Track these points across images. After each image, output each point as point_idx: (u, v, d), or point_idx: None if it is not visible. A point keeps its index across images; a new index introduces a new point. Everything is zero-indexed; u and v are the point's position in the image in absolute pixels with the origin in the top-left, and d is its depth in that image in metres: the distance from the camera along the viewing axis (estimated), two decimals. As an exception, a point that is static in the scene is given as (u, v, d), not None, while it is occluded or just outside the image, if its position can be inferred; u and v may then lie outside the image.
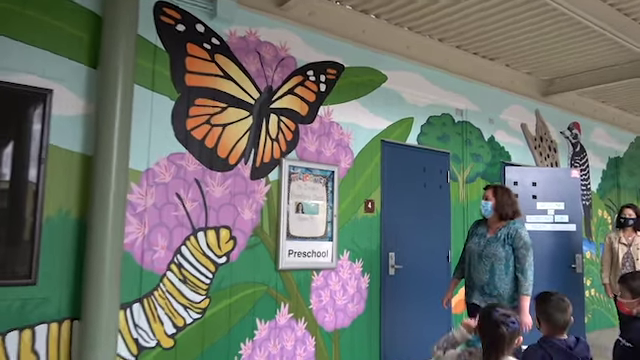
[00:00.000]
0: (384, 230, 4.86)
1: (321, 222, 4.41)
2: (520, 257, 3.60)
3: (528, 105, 6.52)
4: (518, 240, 3.62)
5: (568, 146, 7.08)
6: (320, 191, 4.43)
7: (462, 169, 5.67)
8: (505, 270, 3.62)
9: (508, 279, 3.62)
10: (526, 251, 3.60)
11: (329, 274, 4.45)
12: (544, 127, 6.76)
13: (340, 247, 4.53)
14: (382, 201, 4.87)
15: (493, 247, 3.66)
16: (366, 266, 4.72)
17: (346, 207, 4.62)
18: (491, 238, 3.72)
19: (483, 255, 3.69)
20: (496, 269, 3.63)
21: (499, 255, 3.63)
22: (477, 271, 3.71)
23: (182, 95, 3.78)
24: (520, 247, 3.61)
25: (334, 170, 4.50)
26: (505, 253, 3.63)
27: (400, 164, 5.07)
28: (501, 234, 3.68)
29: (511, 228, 3.65)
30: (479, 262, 3.71)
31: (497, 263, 3.63)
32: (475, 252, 3.76)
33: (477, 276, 3.71)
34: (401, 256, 4.95)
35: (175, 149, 3.72)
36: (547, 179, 5.80)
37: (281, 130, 4.24)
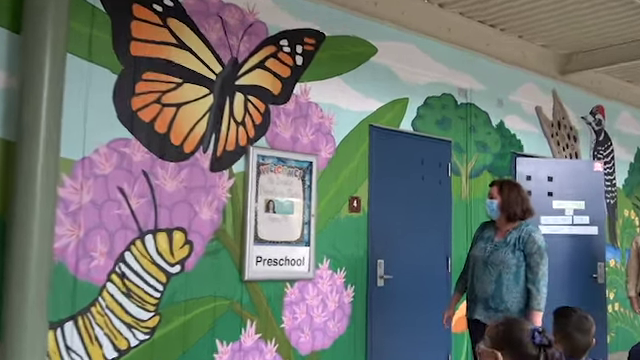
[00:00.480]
0: (372, 233, 4.87)
1: (296, 223, 4.41)
2: (533, 265, 3.64)
3: (544, 85, 6.56)
4: (531, 245, 3.65)
5: (590, 134, 7.15)
6: (295, 186, 4.42)
7: (466, 161, 5.68)
8: (515, 280, 3.65)
9: (517, 291, 3.66)
10: (540, 258, 3.64)
11: (305, 286, 4.45)
12: (562, 111, 6.80)
13: (319, 254, 4.53)
14: (370, 199, 4.87)
15: (501, 253, 3.69)
16: (350, 276, 4.72)
17: (327, 206, 4.61)
18: (499, 243, 3.75)
19: (489, 262, 3.72)
20: (504, 279, 3.66)
21: (508, 262, 3.66)
22: (481, 281, 3.74)
23: (127, 68, 3.72)
24: (533, 253, 3.65)
25: (312, 161, 4.50)
26: (515, 260, 3.66)
27: (392, 154, 5.07)
28: (511, 238, 3.71)
29: (523, 231, 3.70)
30: (484, 271, 3.74)
31: (505, 272, 3.66)
32: (480, 259, 3.79)
33: (481, 287, 3.74)
34: (392, 264, 4.96)
35: (118, 134, 3.67)
36: (565, 173, 5.83)
37: (248, 112, 4.22)
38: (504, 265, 3.66)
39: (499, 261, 3.67)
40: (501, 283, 3.66)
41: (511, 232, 3.73)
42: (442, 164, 5.45)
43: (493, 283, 3.68)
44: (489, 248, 3.76)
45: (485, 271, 3.73)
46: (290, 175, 4.40)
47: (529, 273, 3.64)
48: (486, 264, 3.73)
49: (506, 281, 3.66)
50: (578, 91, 6.94)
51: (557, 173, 5.84)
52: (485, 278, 3.72)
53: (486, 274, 3.72)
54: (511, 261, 3.65)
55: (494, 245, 3.75)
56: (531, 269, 3.64)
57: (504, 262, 3.66)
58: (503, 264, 3.66)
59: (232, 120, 4.13)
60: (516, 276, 3.66)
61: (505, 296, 3.64)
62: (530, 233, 3.68)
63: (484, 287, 3.72)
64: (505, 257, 3.66)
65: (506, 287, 3.66)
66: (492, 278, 3.69)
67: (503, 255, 3.67)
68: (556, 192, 5.79)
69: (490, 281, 3.69)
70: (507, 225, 3.77)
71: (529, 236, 3.67)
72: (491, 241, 3.79)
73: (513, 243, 3.69)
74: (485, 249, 3.78)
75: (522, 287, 3.65)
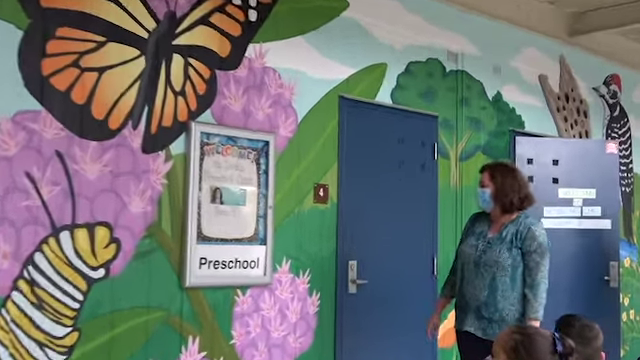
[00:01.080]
0: (342, 229, 4.88)
1: (249, 217, 4.41)
2: (532, 266, 3.71)
3: (549, 49, 6.62)
4: (530, 241, 3.71)
5: (604, 108, 7.27)
6: (248, 171, 4.41)
7: (455, 140, 5.72)
8: (511, 284, 3.72)
9: (515, 297, 3.72)
10: (541, 257, 3.71)
11: (261, 293, 4.46)
12: (571, 81, 6.90)
13: (277, 254, 4.54)
14: (339, 187, 4.89)
15: (495, 251, 3.75)
16: (315, 281, 4.73)
17: (287, 195, 4.62)
18: (493, 238, 3.80)
19: (481, 263, 3.77)
20: (498, 283, 3.72)
21: (503, 263, 3.71)
22: (472, 286, 3.79)
23: (35, 22, 3.65)
24: (532, 251, 3.71)
25: (269, 140, 4.50)
26: (512, 260, 3.72)
27: (366, 132, 5.08)
28: (507, 233, 3.77)
29: (521, 224, 3.76)
30: (475, 273, 3.79)
31: (500, 274, 3.72)
32: (470, 259, 3.83)
33: (472, 293, 3.79)
34: (366, 266, 4.98)
35: (24, 105, 3.61)
36: (574, 155, 5.92)
37: (189, 79, 4.19)
38: (498, 266, 3.71)
39: (492, 261, 3.73)
40: (495, 288, 3.71)
41: (507, 226, 3.79)
42: (426, 144, 5.48)
43: (486, 288, 3.73)
44: (481, 246, 3.81)
45: (477, 273, 3.77)
46: (242, 158, 4.39)
47: (527, 275, 3.70)
48: (478, 265, 3.78)
49: (501, 285, 3.71)
50: (590, 57, 7.03)
51: (564, 155, 5.92)
52: (477, 282, 3.77)
53: (478, 277, 3.76)
54: (507, 261, 3.71)
55: (487, 242, 3.81)
56: (529, 270, 3.71)
57: (498, 262, 3.71)
58: (497, 265, 3.71)
59: (169, 89, 4.10)
60: (513, 279, 3.72)
61: (500, 303, 3.70)
62: (529, 227, 3.73)
63: (475, 293, 3.76)
64: (500, 256, 3.72)
65: (501, 292, 3.71)
66: (485, 282, 3.74)
67: (497, 254, 3.73)
68: (562, 178, 5.88)
69: (483, 285, 3.74)
70: (503, 217, 3.83)
71: (528, 230, 3.72)
72: (483, 237, 3.84)
73: (510, 239, 3.74)
74: (476, 247, 3.83)
75: (519, 292, 3.72)
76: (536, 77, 6.52)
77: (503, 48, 6.18)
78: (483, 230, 3.88)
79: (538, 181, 5.72)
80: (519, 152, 5.81)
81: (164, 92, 4.07)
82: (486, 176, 3.88)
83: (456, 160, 5.71)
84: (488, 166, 3.98)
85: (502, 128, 6.13)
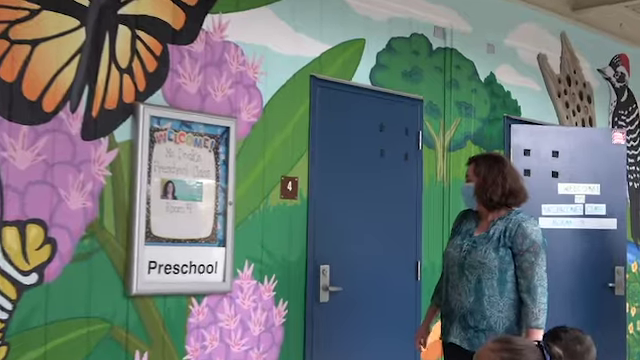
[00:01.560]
0: (313, 228, 4.91)
1: (206, 215, 4.41)
2: (525, 267, 3.74)
3: (549, 24, 6.67)
4: (521, 239, 3.76)
5: (610, 93, 7.34)
6: (205, 162, 4.41)
7: (443, 128, 5.75)
8: (499, 288, 3.76)
9: (504, 303, 3.76)
10: (535, 257, 3.74)
11: (219, 302, 4.46)
12: (574, 61, 6.94)
13: (238, 257, 4.54)
14: (310, 180, 4.91)
15: (480, 251, 3.79)
16: (282, 288, 4.74)
17: (250, 190, 4.62)
18: (479, 237, 3.86)
19: (466, 265, 3.82)
20: (485, 287, 3.76)
21: (489, 264, 3.76)
22: (457, 291, 3.84)
23: (-46, -15, 3.61)
24: (525, 250, 3.75)
25: (229, 126, 4.50)
26: (499, 261, 3.76)
27: (342, 118, 5.11)
28: (495, 231, 3.83)
29: (511, 221, 3.81)
30: (460, 276, 3.84)
31: (486, 277, 3.76)
32: (455, 260, 3.89)
33: (457, 299, 3.84)
34: (341, 272, 5.00)
35: (-58, 82, 3.59)
36: (576, 146, 5.95)
37: (137, 54, 4.17)
38: (484, 268, 3.75)
39: (477, 263, 3.77)
40: (481, 293, 3.76)
41: (495, 223, 3.84)
42: (410, 132, 5.50)
43: (471, 293, 3.78)
44: (466, 245, 3.86)
45: (461, 277, 3.82)
46: (198, 146, 4.38)
47: (521, 277, 3.74)
48: (462, 267, 3.82)
49: (487, 290, 3.75)
50: (595, 34, 7.09)
51: (565, 146, 5.95)
52: (462, 286, 3.81)
53: (463, 281, 3.81)
54: (492, 262, 3.75)
55: (472, 241, 3.85)
56: (523, 272, 3.74)
57: (483, 264, 3.76)
58: (482, 267, 3.76)
59: (114, 66, 4.07)
60: (501, 283, 3.76)
61: (487, 311, 3.74)
62: (520, 223, 3.77)
63: (460, 299, 3.81)
64: (485, 257, 3.76)
65: (488, 298, 3.75)
66: (470, 286, 3.78)
67: (482, 254, 3.77)
68: (563, 172, 5.91)
69: (468, 290, 3.79)
70: (490, 214, 3.89)
71: (518, 227, 3.76)
72: (469, 236, 3.90)
73: (497, 237, 3.79)
74: (461, 247, 3.87)
75: (510, 298, 3.76)
76: (534, 57, 6.56)
77: (497, 24, 6.21)
78: (470, 229, 3.94)
79: (535, 175, 5.75)
80: (515, 142, 5.83)
81: (108, 69, 4.04)
82: (471, 169, 3.94)
83: (443, 150, 5.73)
84: (474, 158, 4.03)
85: (496, 114, 6.16)
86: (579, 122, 6.90)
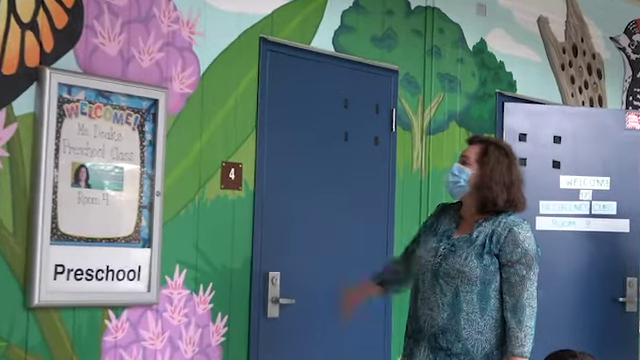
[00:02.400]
0: (260, 227, 4.92)
1: (128, 208, 4.40)
2: (514, 281, 3.76)
3: (553, -18, 6.73)
4: (512, 247, 3.78)
5: (624, 66, 7.38)
6: (127, 142, 4.39)
7: (422, 105, 5.76)
8: (480, 304, 3.78)
9: (485, 323, 3.78)
10: (527, 270, 3.77)
11: (143, 316, 4.43)
12: (581, 27, 6.98)
13: (167, 261, 4.52)
14: (257, 167, 4.92)
15: (460, 257, 3.81)
16: (221, 300, 4.74)
17: (183, 177, 4.61)
18: (459, 240, 3.88)
19: (441, 272, 3.84)
20: (463, 301, 3.77)
21: (469, 274, 3.77)
22: (428, 304, 3.86)
23: None
24: (516, 261, 3.77)
25: (158, 98, 4.48)
26: (482, 270, 3.77)
27: (297, 91, 5.11)
28: (479, 233, 3.84)
29: (500, 223, 3.83)
30: (433, 287, 3.86)
31: (465, 289, 3.78)
32: (428, 266, 3.90)
33: (427, 314, 3.86)
34: (294, 280, 5.01)
35: None
36: (582, 130, 5.99)
37: (44, 6, 4.11)
38: (463, 278, 3.75)
39: (455, 271, 3.77)
40: (458, 308, 3.76)
41: (481, 224, 3.85)
42: (382, 110, 5.51)
43: (446, 307, 3.78)
44: (442, 249, 3.87)
45: (434, 287, 3.83)
46: (118, 122, 4.35)
47: (507, 294, 3.76)
48: (436, 276, 3.83)
49: (466, 305, 3.75)
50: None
51: (569, 130, 5.98)
52: (434, 299, 3.82)
53: (436, 292, 3.82)
54: (474, 271, 3.75)
55: (450, 244, 3.86)
56: (510, 287, 3.75)
57: (463, 273, 3.75)
58: (461, 276, 3.75)
59: (13, 20, 4.01)
60: (483, 297, 3.76)
61: (464, 330, 3.75)
62: (511, 227, 3.79)
63: (432, 314, 3.81)
64: (465, 264, 3.76)
65: (466, 315, 3.75)
66: (445, 299, 3.79)
67: (462, 261, 3.77)
68: (566, 162, 5.95)
69: (442, 304, 3.79)
70: (477, 214, 3.90)
71: (509, 232, 3.78)
72: (447, 238, 3.91)
73: (482, 242, 3.80)
74: (436, 251, 3.88)
75: (492, 317, 3.78)
76: (534, 20, 6.60)
77: (490, -21, 6.25)
78: (448, 229, 3.94)
79: (533, 165, 5.78)
80: (508, 124, 5.87)
81: (6, 24, 3.99)
82: (474, 151, 3.91)
83: (422, 133, 5.73)
84: (481, 139, 4.02)
85: (486, 90, 6.17)
86: (586, 101, 6.93)
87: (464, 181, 3.86)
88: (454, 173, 3.89)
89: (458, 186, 3.88)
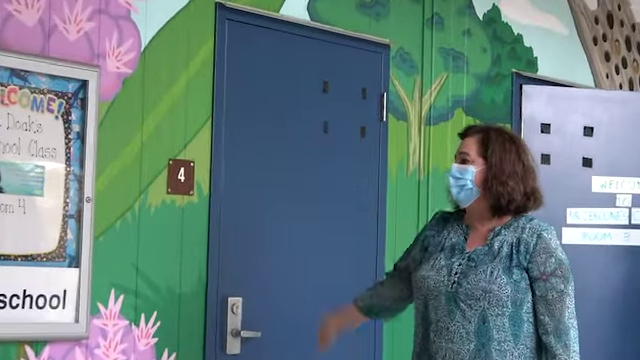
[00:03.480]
0: (218, 242, 4.93)
1: (50, 217, 4.39)
2: (552, 298, 3.82)
3: None
4: (544, 256, 3.84)
5: (671, 40, 7.40)
6: (50, 134, 4.39)
7: (420, 89, 5.81)
8: (513, 329, 3.81)
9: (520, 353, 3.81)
10: (565, 284, 3.84)
11: (69, 354, 4.42)
12: (618, -7, 7.00)
13: (100, 284, 4.52)
14: (213, 166, 4.94)
15: (485, 274, 3.83)
16: (168, 334, 4.74)
17: (119, 179, 4.62)
18: (478, 254, 3.90)
19: (461, 295, 3.84)
20: (492, 328, 3.80)
21: (500, 293, 3.79)
22: (446, 335, 3.87)
23: None
24: (551, 273, 3.83)
25: (88, 79, 4.48)
26: (513, 288, 3.80)
27: (264, 71, 5.15)
28: (501, 243, 3.89)
29: (525, 229, 3.89)
30: (450, 313, 3.87)
31: (495, 312, 3.80)
32: (440, 289, 3.91)
33: (447, 348, 3.86)
34: (259, 308, 5.05)
35: None
36: (619, 120, 6.03)
37: None
38: (491, 299, 3.77)
39: (481, 292, 3.78)
40: (488, 337, 3.77)
41: (499, 232, 3.90)
42: (370, 94, 5.56)
43: (472, 337, 3.79)
44: (457, 266, 3.88)
45: (453, 314, 3.83)
46: (38, 110, 4.35)
47: (545, 314, 3.81)
48: (454, 300, 3.84)
49: (497, 332, 3.77)
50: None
51: (603, 119, 6.03)
52: (455, 329, 3.82)
53: (455, 320, 3.82)
54: (504, 290, 3.77)
55: (467, 259, 3.88)
56: (549, 305, 3.80)
57: (491, 293, 3.77)
58: (490, 297, 3.77)
59: None
60: (515, 322, 3.80)
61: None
62: (539, 233, 3.85)
63: (453, 347, 3.81)
64: (493, 282, 3.77)
65: (497, 344, 3.77)
66: (469, 327, 3.79)
67: (488, 278, 3.78)
68: (599, 159, 5.99)
69: (465, 334, 3.79)
70: (491, 220, 3.96)
71: (538, 239, 3.84)
72: (460, 252, 3.92)
73: (507, 253, 3.84)
74: (449, 269, 3.89)
75: (526, 345, 3.81)
76: (558, -15, 6.65)
77: None
78: (457, 242, 3.96)
79: (558, 163, 5.82)
80: (528, 112, 5.89)
81: None
82: (472, 144, 3.94)
83: (420, 123, 5.77)
84: (477, 129, 4.05)
85: (500, 69, 6.21)
86: (625, 83, 6.96)
87: (470, 182, 3.88)
88: (455, 176, 3.91)
89: (465, 190, 3.90)
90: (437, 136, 5.81)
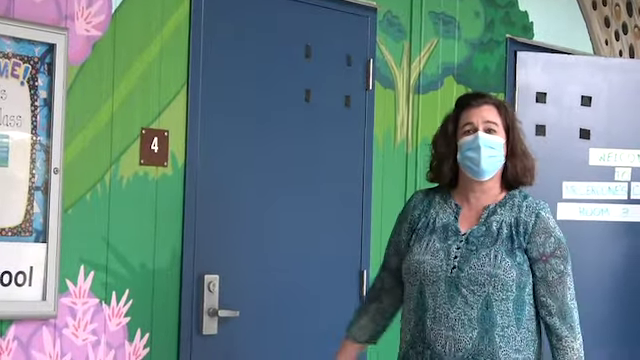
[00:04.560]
0: (194, 216, 4.95)
1: (15, 190, 4.37)
2: (552, 280, 3.88)
3: None
4: (543, 236, 3.89)
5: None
6: (14, 101, 4.36)
7: (408, 55, 5.81)
8: (517, 314, 3.85)
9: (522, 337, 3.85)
10: (565, 263, 3.91)
11: (36, 334, 4.40)
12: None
13: (69, 260, 4.50)
14: (189, 135, 4.93)
15: (487, 257, 3.86)
16: (140, 313, 4.74)
17: (88, 150, 4.60)
18: (476, 235, 3.93)
19: (463, 280, 3.86)
20: (497, 313, 3.83)
21: (505, 276, 3.83)
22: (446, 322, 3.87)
23: None
24: (551, 254, 3.88)
25: (55, 43, 4.45)
26: (518, 272, 3.84)
27: (242, 35, 5.15)
28: (500, 224, 3.92)
29: (522, 208, 3.94)
30: (451, 298, 3.88)
31: (500, 296, 3.84)
32: (439, 275, 3.91)
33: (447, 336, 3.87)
34: (237, 286, 5.07)
35: None
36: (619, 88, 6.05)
37: None
38: (497, 283, 3.78)
39: (485, 276, 3.79)
40: (492, 323, 3.81)
41: (495, 211, 3.94)
42: (355, 61, 5.57)
43: (475, 324, 3.80)
44: (455, 250, 3.88)
45: (453, 300, 3.83)
46: (1, 75, 4.33)
47: (547, 296, 3.86)
48: (456, 286, 3.83)
49: (501, 317, 3.81)
50: None
51: (601, 88, 6.04)
52: (454, 315, 3.82)
53: (457, 307, 3.82)
54: (510, 273, 3.79)
55: (466, 242, 3.88)
56: (550, 287, 3.86)
57: (495, 277, 3.78)
58: (495, 281, 3.78)
59: None
60: (518, 306, 3.85)
61: (500, 351, 3.80)
62: (538, 212, 3.91)
63: (455, 335, 3.82)
64: (498, 265, 3.80)
65: (501, 330, 3.81)
66: (471, 313, 3.81)
67: (492, 261, 3.80)
68: (598, 130, 6.00)
69: (467, 321, 3.80)
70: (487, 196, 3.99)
71: (537, 218, 3.89)
72: (454, 234, 3.93)
73: (507, 234, 3.88)
74: (447, 253, 3.89)
75: (528, 329, 3.86)
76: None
77: None
78: (449, 222, 3.96)
79: (554, 135, 5.85)
80: (522, 80, 5.90)
81: None
82: (496, 115, 3.94)
83: (408, 91, 5.77)
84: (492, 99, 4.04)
85: (493, 35, 6.22)
86: (625, 50, 6.98)
87: (500, 154, 3.89)
88: (490, 146, 3.87)
89: (495, 162, 3.88)
90: (426, 105, 5.80)
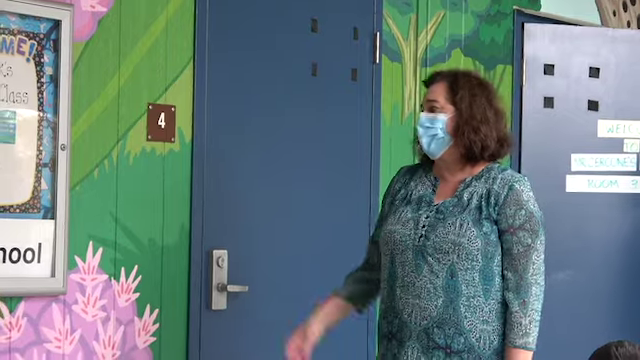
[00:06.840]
0: (201, 191, 4.95)
1: (23, 167, 4.40)
2: (517, 253, 3.88)
3: None
4: (514, 208, 3.89)
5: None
6: (21, 78, 4.38)
7: (415, 28, 5.80)
8: (484, 284, 3.88)
9: (490, 308, 3.88)
10: (533, 238, 3.89)
11: (45, 310, 4.43)
12: None
13: (78, 237, 4.53)
14: (196, 111, 4.93)
15: (454, 226, 3.90)
16: (150, 289, 4.77)
17: (95, 126, 4.62)
18: (446, 205, 3.97)
19: (428, 248, 3.89)
20: (462, 282, 3.86)
21: (469, 245, 3.86)
22: (413, 291, 3.92)
23: None
24: (519, 227, 3.88)
25: (61, 19, 4.46)
26: (483, 241, 3.87)
27: (249, 9, 5.14)
28: (471, 195, 3.95)
29: (496, 180, 3.96)
30: (417, 267, 3.92)
31: (464, 266, 3.86)
32: (406, 243, 3.96)
33: (413, 304, 3.92)
34: (246, 261, 5.08)
35: None
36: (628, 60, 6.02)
37: None
38: (460, 252, 3.82)
39: (450, 244, 3.83)
40: (456, 292, 3.84)
41: (470, 183, 3.96)
42: (361, 34, 5.55)
43: (439, 293, 3.83)
44: (425, 218, 3.93)
45: (419, 268, 3.88)
46: (7, 52, 4.35)
47: (508, 269, 3.87)
48: (421, 253, 3.88)
49: (466, 287, 3.84)
50: None
51: (610, 60, 6.02)
52: (420, 284, 3.87)
53: (422, 275, 3.87)
54: (474, 242, 3.83)
55: (435, 211, 3.93)
56: (513, 260, 3.87)
57: (460, 246, 3.82)
58: (459, 249, 3.82)
59: None
60: (485, 275, 3.87)
61: (466, 321, 3.83)
62: (511, 184, 3.91)
63: (420, 303, 3.86)
64: (461, 233, 3.83)
65: (466, 300, 3.84)
66: (437, 282, 3.84)
67: (458, 230, 3.84)
68: (606, 102, 6.00)
69: (432, 289, 3.84)
70: (462, 170, 4.02)
71: (509, 190, 3.89)
72: (427, 204, 3.97)
73: (477, 205, 3.90)
74: (416, 222, 3.94)
75: (497, 300, 3.88)
76: None
77: None
78: (425, 194, 4.01)
79: (562, 106, 5.83)
80: (530, 51, 5.88)
81: None
82: (439, 91, 3.97)
83: (415, 64, 5.78)
84: (443, 74, 4.07)
85: (501, 7, 6.20)
86: (633, 21, 6.92)
87: (442, 131, 3.91)
88: (425, 125, 3.95)
89: (436, 140, 3.92)
90: (432, 78, 5.79)
